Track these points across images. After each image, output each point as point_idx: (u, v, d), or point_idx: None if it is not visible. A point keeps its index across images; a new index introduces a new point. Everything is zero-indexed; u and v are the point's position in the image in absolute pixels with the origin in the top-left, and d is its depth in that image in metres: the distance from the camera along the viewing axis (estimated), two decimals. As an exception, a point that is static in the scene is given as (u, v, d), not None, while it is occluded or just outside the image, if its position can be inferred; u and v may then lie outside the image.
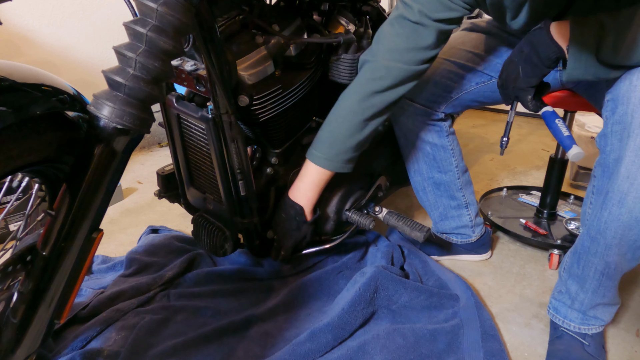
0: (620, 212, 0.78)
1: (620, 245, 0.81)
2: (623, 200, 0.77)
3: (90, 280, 1.24)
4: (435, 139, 1.12)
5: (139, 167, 2.02)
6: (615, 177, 0.77)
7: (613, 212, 0.79)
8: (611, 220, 0.80)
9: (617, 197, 0.78)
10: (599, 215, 0.82)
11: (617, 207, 0.78)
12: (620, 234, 0.80)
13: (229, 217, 1.07)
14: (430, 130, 1.10)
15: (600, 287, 0.91)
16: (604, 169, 0.80)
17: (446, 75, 1.07)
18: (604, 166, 0.81)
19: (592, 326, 0.98)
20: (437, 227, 1.32)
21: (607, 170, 0.80)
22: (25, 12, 1.75)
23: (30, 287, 0.64)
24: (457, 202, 1.23)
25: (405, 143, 1.17)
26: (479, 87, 1.09)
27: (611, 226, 0.80)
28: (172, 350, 0.96)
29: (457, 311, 1.07)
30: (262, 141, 1.08)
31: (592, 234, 0.85)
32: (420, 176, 1.21)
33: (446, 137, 1.13)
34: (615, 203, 0.78)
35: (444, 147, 1.13)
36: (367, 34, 1.11)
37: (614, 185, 0.78)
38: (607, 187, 0.80)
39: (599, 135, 0.82)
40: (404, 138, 1.16)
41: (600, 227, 0.83)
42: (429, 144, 1.12)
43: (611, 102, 0.79)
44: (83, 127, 0.71)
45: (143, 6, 0.66)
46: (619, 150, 0.76)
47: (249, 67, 0.94)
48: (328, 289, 1.17)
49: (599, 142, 0.82)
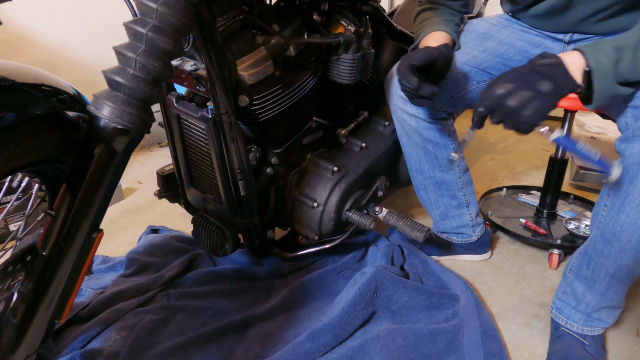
0: (638, 216, 0.78)
1: (636, 250, 0.82)
2: None
3: (90, 280, 1.24)
4: (438, 137, 1.12)
5: (139, 167, 2.02)
6: (636, 181, 0.78)
7: (631, 215, 0.79)
8: (628, 223, 0.80)
9: (637, 201, 0.78)
10: (616, 217, 0.82)
11: (636, 210, 0.78)
12: (637, 238, 0.80)
13: (229, 217, 1.07)
14: (432, 129, 1.10)
15: (609, 291, 0.91)
16: (624, 172, 0.80)
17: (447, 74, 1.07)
18: (623, 169, 0.80)
19: (594, 328, 0.98)
20: (437, 227, 1.32)
21: (627, 174, 0.80)
22: (25, 12, 1.75)
23: (30, 287, 0.64)
24: (458, 202, 1.23)
25: (408, 142, 1.17)
26: (480, 86, 1.09)
27: (627, 229, 0.80)
28: (172, 350, 0.96)
29: (457, 311, 1.08)
30: (262, 141, 1.08)
31: (607, 236, 0.85)
32: (421, 175, 1.21)
33: (448, 136, 1.13)
34: (634, 206, 0.79)
35: (446, 145, 1.14)
36: (367, 34, 1.11)
37: (633, 188, 0.78)
38: (627, 190, 0.80)
39: (619, 139, 0.82)
40: (406, 137, 1.16)
41: (616, 230, 0.83)
42: (431, 142, 1.12)
43: (632, 109, 0.80)
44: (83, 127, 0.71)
45: (143, 6, 0.66)
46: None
47: (249, 67, 0.94)
48: (328, 289, 1.17)
49: (618, 146, 0.82)
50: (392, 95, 1.12)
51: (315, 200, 1.12)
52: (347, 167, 1.17)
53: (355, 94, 1.27)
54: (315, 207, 1.12)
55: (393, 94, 1.11)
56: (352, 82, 1.09)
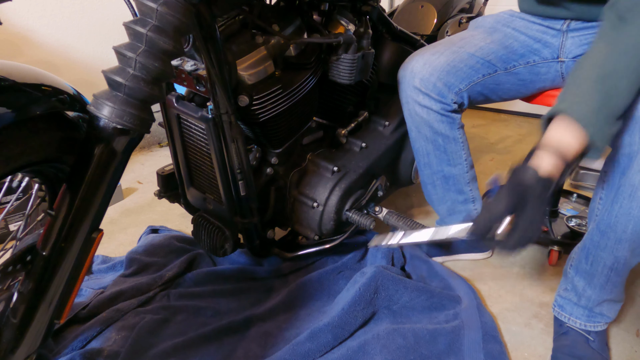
0: (631, 206, 0.80)
1: (631, 240, 0.83)
2: (634, 194, 0.78)
3: (90, 280, 1.24)
4: (448, 130, 1.12)
5: (139, 167, 2.02)
6: (628, 171, 0.79)
7: (624, 205, 0.81)
8: (622, 214, 0.81)
9: (629, 191, 0.79)
10: (610, 209, 0.84)
11: (628, 200, 0.80)
12: (631, 228, 0.81)
13: (229, 217, 1.07)
14: (443, 122, 1.11)
15: (608, 283, 0.92)
16: (616, 164, 0.82)
17: (457, 64, 1.08)
18: (615, 161, 0.82)
19: (597, 323, 0.99)
20: (444, 223, 1.32)
21: (619, 166, 0.81)
22: (25, 12, 1.75)
23: (30, 287, 0.64)
24: (465, 197, 1.23)
25: (417, 135, 1.17)
26: (485, 79, 1.10)
27: (622, 220, 0.82)
28: (172, 350, 0.96)
29: (458, 312, 1.07)
30: (262, 141, 1.08)
31: (602, 228, 0.86)
32: (429, 169, 1.21)
33: (457, 130, 1.14)
34: (626, 197, 0.80)
35: (455, 139, 1.14)
36: (367, 34, 1.11)
37: (625, 179, 0.79)
38: (619, 182, 0.81)
39: None
40: (416, 130, 1.16)
41: (610, 221, 0.84)
42: (440, 135, 1.13)
43: None
44: (83, 127, 0.71)
45: (143, 6, 0.66)
46: (631, 145, 0.78)
47: (249, 67, 0.94)
48: (328, 289, 1.17)
49: None
50: (405, 87, 1.12)
51: (315, 200, 1.12)
52: (347, 167, 1.17)
53: (355, 94, 1.27)
54: (315, 207, 1.12)
55: (407, 85, 1.11)
56: (352, 82, 1.10)
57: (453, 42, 1.13)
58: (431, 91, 1.07)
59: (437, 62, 1.08)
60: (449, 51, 1.10)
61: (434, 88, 1.07)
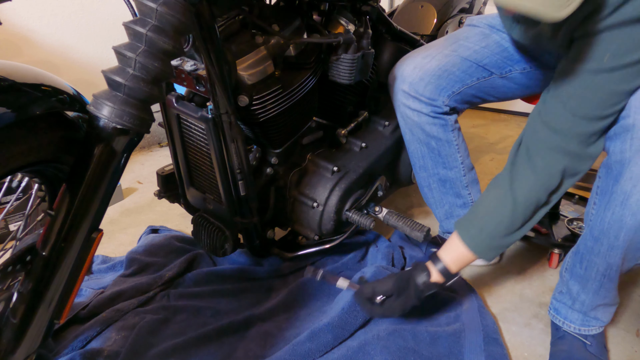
0: (622, 213, 0.79)
1: (623, 247, 0.82)
2: (626, 202, 0.78)
3: (90, 280, 1.24)
4: (441, 133, 1.12)
5: (139, 167, 2.02)
6: (620, 178, 0.78)
7: (616, 212, 0.80)
8: (614, 220, 0.81)
9: (621, 198, 0.79)
10: (602, 215, 0.83)
11: (620, 207, 0.79)
12: (623, 235, 0.81)
13: (229, 217, 1.07)
14: (435, 124, 1.10)
15: (601, 289, 0.92)
16: (609, 170, 0.81)
17: (449, 68, 1.07)
18: (608, 167, 0.81)
19: (592, 327, 0.98)
20: (442, 227, 1.30)
21: (611, 172, 0.80)
22: (25, 12, 1.75)
23: (30, 287, 0.64)
24: (463, 200, 1.22)
25: (411, 138, 1.16)
26: (480, 83, 1.09)
27: (614, 226, 0.81)
28: (172, 350, 0.96)
29: (459, 314, 1.07)
30: (262, 141, 1.08)
31: (595, 234, 0.86)
32: (425, 172, 1.20)
33: (451, 132, 1.13)
34: (618, 204, 0.79)
35: (449, 141, 1.13)
36: (367, 34, 1.11)
37: (617, 186, 0.79)
38: (612, 189, 0.80)
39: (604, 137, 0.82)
40: (410, 133, 1.15)
41: (603, 228, 0.83)
42: (433, 138, 1.12)
43: None
44: (83, 127, 0.71)
45: (143, 6, 0.66)
46: (623, 152, 0.77)
47: (249, 67, 0.94)
48: (328, 289, 1.17)
49: (604, 144, 0.82)
50: (395, 91, 1.12)
51: (315, 200, 1.12)
52: (347, 167, 1.17)
53: (355, 94, 1.27)
54: (315, 207, 1.12)
55: (397, 89, 1.11)
56: (352, 82, 1.09)
57: (446, 44, 1.11)
58: (421, 95, 1.07)
59: (428, 66, 1.07)
60: (441, 55, 1.09)
61: (424, 91, 1.06)
